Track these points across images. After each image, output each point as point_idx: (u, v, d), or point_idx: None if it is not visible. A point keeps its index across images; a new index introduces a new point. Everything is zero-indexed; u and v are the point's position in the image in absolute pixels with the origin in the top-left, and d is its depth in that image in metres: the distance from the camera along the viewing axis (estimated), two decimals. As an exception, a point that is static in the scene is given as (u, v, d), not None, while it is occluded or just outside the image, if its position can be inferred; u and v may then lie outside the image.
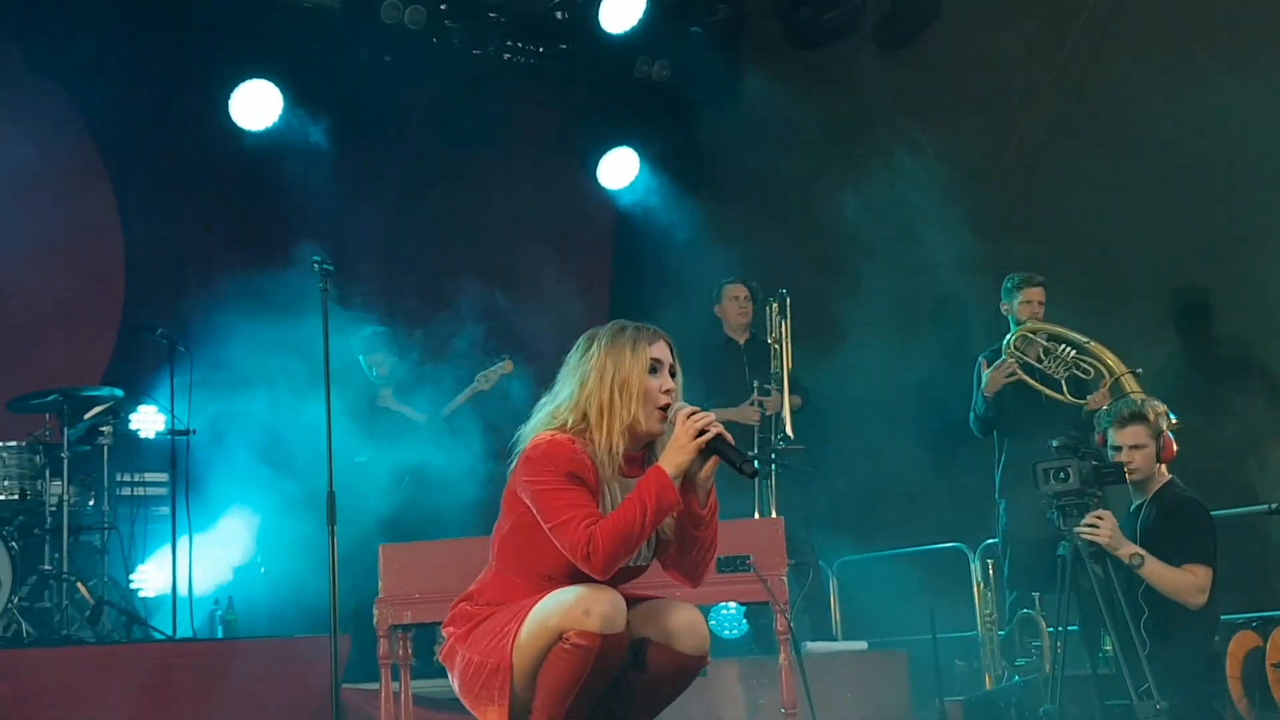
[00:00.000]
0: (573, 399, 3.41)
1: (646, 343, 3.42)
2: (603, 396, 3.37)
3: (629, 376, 3.37)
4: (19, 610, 6.36)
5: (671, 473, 3.26)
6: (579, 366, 3.46)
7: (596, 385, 3.39)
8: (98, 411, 7.03)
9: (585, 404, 3.38)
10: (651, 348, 3.42)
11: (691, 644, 3.32)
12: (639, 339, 3.43)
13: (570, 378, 3.47)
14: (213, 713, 5.96)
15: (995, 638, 7.07)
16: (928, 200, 8.39)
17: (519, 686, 3.25)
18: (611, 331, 3.48)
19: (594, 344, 3.47)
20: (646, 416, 3.36)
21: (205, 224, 8.65)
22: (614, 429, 3.34)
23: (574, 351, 3.52)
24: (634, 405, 3.35)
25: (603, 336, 3.47)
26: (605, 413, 3.35)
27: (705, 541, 3.43)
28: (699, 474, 3.36)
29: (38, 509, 6.73)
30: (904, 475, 8.23)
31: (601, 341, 3.45)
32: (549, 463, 3.30)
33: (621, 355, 3.40)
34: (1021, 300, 6.91)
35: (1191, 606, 4.90)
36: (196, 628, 7.04)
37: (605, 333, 3.48)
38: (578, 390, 3.42)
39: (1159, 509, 5.08)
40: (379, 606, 5.13)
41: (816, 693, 5.39)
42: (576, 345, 3.53)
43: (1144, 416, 5.13)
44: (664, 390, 3.40)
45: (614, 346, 3.43)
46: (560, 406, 3.43)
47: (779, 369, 7.58)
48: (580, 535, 3.22)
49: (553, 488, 3.28)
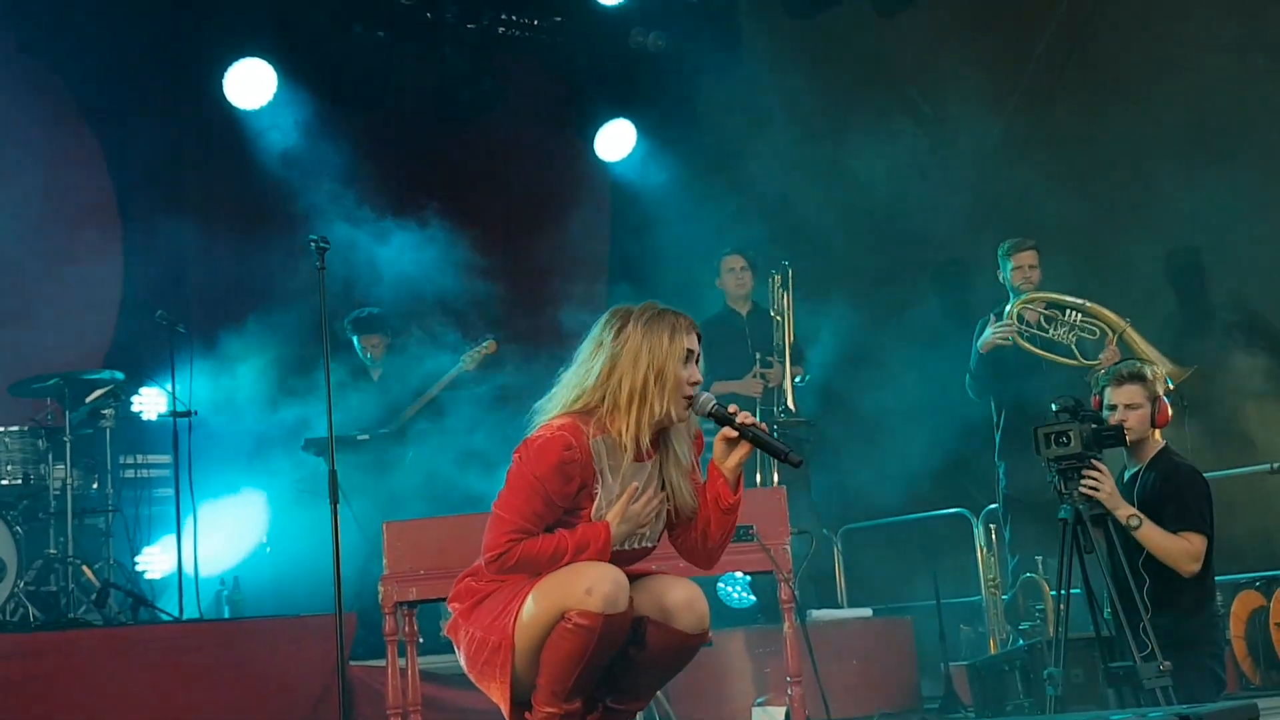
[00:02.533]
0: (600, 379, 3.33)
1: (685, 331, 3.37)
2: (635, 381, 3.29)
3: (665, 365, 3.30)
4: (25, 594, 6.38)
5: (616, 540, 3.26)
6: (610, 346, 3.35)
7: (630, 369, 3.30)
8: (99, 394, 7.04)
9: (615, 387, 3.31)
10: (687, 337, 3.37)
11: (690, 621, 3.32)
12: (678, 327, 3.35)
13: (598, 355, 3.37)
14: (221, 692, 5.98)
15: (999, 602, 7.09)
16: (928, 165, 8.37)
17: (522, 663, 3.25)
18: (648, 315, 3.37)
19: (629, 324, 3.36)
20: (675, 406, 3.33)
21: (202, 205, 8.62)
22: (643, 417, 3.28)
23: (603, 328, 3.41)
24: (666, 395, 3.30)
25: (639, 318, 3.36)
26: (636, 399, 3.28)
27: (729, 527, 3.44)
28: (730, 463, 3.35)
29: (41, 493, 6.75)
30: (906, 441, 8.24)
31: (638, 323, 3.35)
32: (535, 462, 3.27)
33: (659, 342, 3.32)
34: (1014, 266, 6.92)
35: (1185, 573, 4.91)
36: (203, 609, 7.07)
37: (641, 315, 3.37)
38: (606, 371, 3.33)
39: (1156, 475, 5.07)
40: (384, 583, 5.15)
41: (821, 660, 5.42)
42: (606, 322, 3.42)
43: (1143, 377, 5.12)
44: (692, 382, 3.37)
45: (651, 331, 3.33)
46: (586, 385, 3.35)
47: (781, 341, 7.58)
48: (501, 540, 3.26)
49: (519, 486, 3.28)
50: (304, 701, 6.10)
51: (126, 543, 7.29)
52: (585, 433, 3.31)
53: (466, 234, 8.05)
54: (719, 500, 3.39)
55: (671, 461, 3.38)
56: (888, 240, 8.42)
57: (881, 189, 8.31)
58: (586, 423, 3.33)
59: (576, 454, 3.28)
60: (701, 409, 3.38)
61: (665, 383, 3.30)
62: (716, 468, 3.38)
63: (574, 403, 3.36)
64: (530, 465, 3.27)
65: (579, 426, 3.31)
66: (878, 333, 8.44)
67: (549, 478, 3.26)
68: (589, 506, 3.32)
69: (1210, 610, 5.06)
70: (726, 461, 3.37)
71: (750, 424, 3.35)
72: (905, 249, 8.53)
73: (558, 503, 3.28)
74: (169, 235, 8.18)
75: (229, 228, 8.37)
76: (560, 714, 3.23)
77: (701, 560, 3.46)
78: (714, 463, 3.40)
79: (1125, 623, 4.71)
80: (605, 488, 3.32)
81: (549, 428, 3.31)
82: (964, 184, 8.22)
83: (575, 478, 3.28)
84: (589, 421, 3.33)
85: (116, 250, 8.33)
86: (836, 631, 7.02)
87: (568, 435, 3.28)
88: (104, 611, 6.59)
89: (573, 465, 3.27)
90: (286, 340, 7.66)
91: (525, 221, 9.25)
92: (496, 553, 3.26)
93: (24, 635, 6.02)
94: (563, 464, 3.26)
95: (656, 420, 3.30)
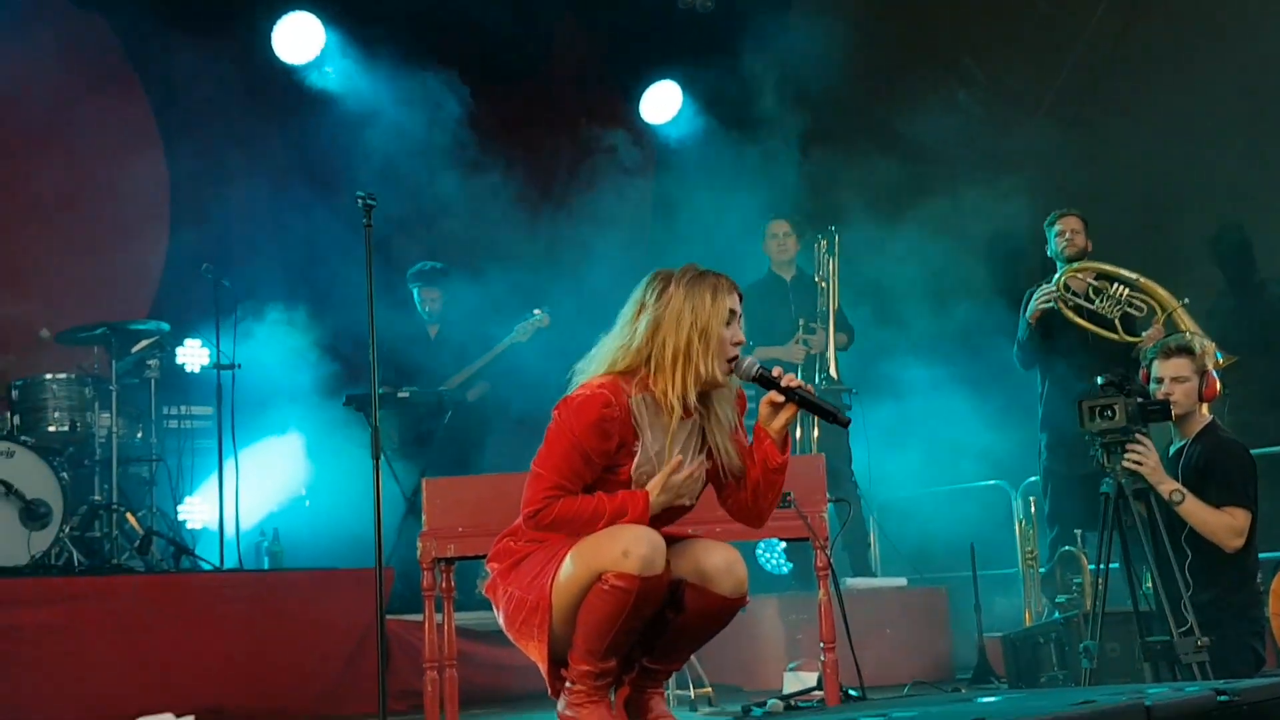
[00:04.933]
0: (643, 340, 3.34)
1: (726, 292, 3.37)
2: (679, 342, 3.30)
3: (708, 324, 3.31)
4: (70, 539, 6.47)
5: (654, 510, 3.27)
6: (653, 308, 3.36)
7: (673, 329, 3.31)
8: (144, 345, 7.11)
9: (659, 348, 3.32)
10: (729, 297, 3.37)
11: (729, 585, 3.32)
12: (719, 287, 3.36)
13: (641, 317, 3.38)
14: (260, 642, 6.06)
15: (1036, 575, 7.06)
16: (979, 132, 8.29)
17: (559, 623, 3.27)
18: (690, 276, 3.37)
19: (671, 285, 3.37)
20: (718, 368, 3.33)
21: (249, 159, 8.66)
22: (688, 377, 3.29)
23: (645, 290, 3.41)
24: (710, 355, 3.31)
25: (680, 279, 3.37)
26: (680, 359, 3.29)
27: (778, 487, 3.45)
28: (775, 425, 3.35)
29: (87, 440, 6.84)
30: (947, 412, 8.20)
31: (679, 284, 3.36)
32: (574, 419, 3.29)
33: (702, 302, 3.32)
34: (1058, 231, 6.88)
35: (1228, 549, 4.88)
36: (243, 559, 7.15)
37: (682, 276, 3.38)
38: (650, 332, 3.34)
39: (1201, 450, 5.03)
40: (423, 539, 5.18)
41: (855, 628, 5.41)
42: (648, 284, 3.42)
43: (1190, 350, 5.08)
44: (735, 342, 3.37)
45: (694, 292, 3.34)
46: (630, 347, 3.36)
47: (825, 307, 7.55)
48: (539, 496, 3.28)
49: (557, 443, 3.30)
50: (341, 653, 6.17)
51: (169, 492, 7.38)
52: (625, 391, 3.32)
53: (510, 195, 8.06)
54: (767, 461, 3.39)
55: (714, 422, 3.39)
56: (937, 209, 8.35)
57: (931, 155, 8.23)
58: (628, 382, 3.34)
59: (615, 411, 3.29)
60: (746, 373, 3.38)
61: (709, 342, 3.31)
62: (763, 429, 3.38)
63: (616, 363, 3.36)
64: (569, 422, 3.29)
65: (619, 385, 3.32)
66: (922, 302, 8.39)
67: (587, 435, 3.27)
68: (628, 464, 3.33)
69: (1252, 587, 5.03)
70: (772, 424, 3.37)
71: (796, 386, 3.35)
72: (954, 218, 8.45)
73: (596, 460, 3.29)
74: (215, 189, 8.22)
75: (275, 182, 8.41)
76: (596, 672, 3.25)
77: (751, 519, 3.47)
78: (760, 424, 3.40)
79: (1165, 598, 4.69)
80: (644, 446, 3.33)
81: (588, 386, 3.33)
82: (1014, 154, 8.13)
83: (614, 435, 3.30)
84: (630, 381, 3.34)
85: (163, 203, 8.39)
86: (871, 600, 7.03)
87: (606, 393, 3.29)
88: (146, 559, 6.67)
89: (611, 423, 3.28)
90: (330, 295, 7.71)
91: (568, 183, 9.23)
92: (534, 509, 3.28)
93: (68, 579, 6.10)
94: (601, 421, 3.27)
95: (701, 381, 3.30)
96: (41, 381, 6.77)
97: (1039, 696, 4.48)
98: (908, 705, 4.69)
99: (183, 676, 5.78)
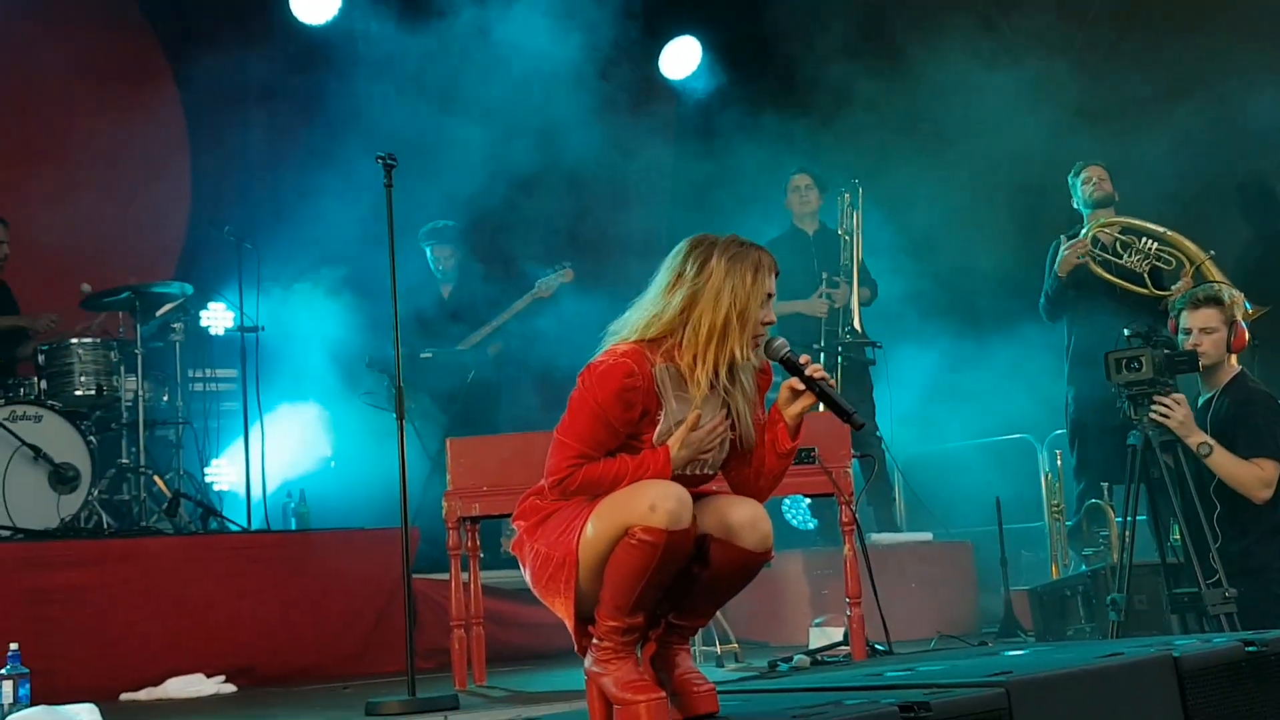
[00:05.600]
0: (675, 313, 3.29)
1: (767, 273, 3.33)
2: (716, 320, 3.25)
3: (747, 306, 3.27)
4: (99, 502, 6.52)
5: (675, 464, 3.25)
6: (691, 280, 3.29)
7: (711, 307, 3.26)
8: (169, 308, 7.14)
9: (696, 322, 3.27)
10: (770, 279, 3.34)
11: (753, 540, 3.31)
12: (761, 266, 3.31)
13: (678, 289, 3.31)
14: (289, 603, 6.11)
15: (1062, 528, 7.04)
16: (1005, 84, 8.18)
17: (586, 579, 3.27)
18: (733, 252, 3.31)
19: (712, 259, 3.30)
20: (749, 346, 3.32)
21: (269, 121, 8.65)
22: (720, 356, 3.26)
23: (684, 258, 3.34)
24: (745, 338, 3.29)
25: (722, 253, 3.31)
26: (715, 339, 3.25)
27: (782, 471, 3.43)
28: (792, 410, 3.34)
29: (114, 404, 6.88)
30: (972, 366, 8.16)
31: (722, 258, 3.30)
32: (597, 388, 3.26)
33: (743, 282, 3.27)
34: (1084, 180, 6.85)
35: (1257, 500, 4.86)
36: (270, 521, 7.19)
37: (725, 250, 3.31)
38: (686, 304, 3.28)
39: (1230, 401, 5.00)
40: (448, 499, 5.21)
41: (881, 583, 5.42)
42: (687, 252, 3.35)
43: (1219, 300, 5.03)
44: (765, 322, 3.34)
45: (735, 269, 3.28)
46: (663, 317, 3.30)
47: (849, 261, 7.51)
48: (564, 465, 3.25)
49: (580, 411, 3.28)
50: (369, 613, 6.21)
51: (196, 454, 7.42)
52: (650, 360, 3.29)
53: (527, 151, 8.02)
54: (776, 444, 3.37)
55: (738, 391, 3.36)
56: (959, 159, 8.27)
57: (954, 107, 8.15)
58: (654, 351, 3.31)
59: (639, 380, 3.26)
60: (775, 354, 3.35)
61: (746, 323, 3.29)
62: (779, 412, 3.36)
63: (647, 330, 3.34)
64: (592, 391, 3.27)
65: (643, 354, 3.29)
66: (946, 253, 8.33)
67: (610, 404, 3.25)
68: (651, 432, 3.31)
69: (1281, 538, 5.00)
70: (789, 409, 3.34)
71: (820, 377, 3.32)
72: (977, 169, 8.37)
73: (620, 429, 3.28)
74: (237, 151, 8.21)
75: (296, 144, 8.40)
76: (623, 628, 3.25)
77: (749, 496, 3.46)
78: (777, 406, 3.38)
79: (1192, 549, 4.67)
80: (668, 414, 3.31)
81: (612, 353, 3.30)
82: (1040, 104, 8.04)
83: (637, 404, 3.28)
84: (656, 350, 3.32)
85: (184, 166, 8.40)
86: (896, 555, 7.03)
87: (630, 363, 3.26)
88: (174, 521, 6.72)
89: (634, 392, 3.26)
90: (352, 256, 7.70)
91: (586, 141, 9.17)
92: (559, 477, 3.28)
93: (98, 541, 6.16)
94: (624, 390, 3.25)
95: (730, 360, 3.29)
96: (67, 345, 6.81)
97: (1066, 649, 4.47)
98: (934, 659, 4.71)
99: (212, 637, 5.84)
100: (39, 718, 4.04)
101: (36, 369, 6.81)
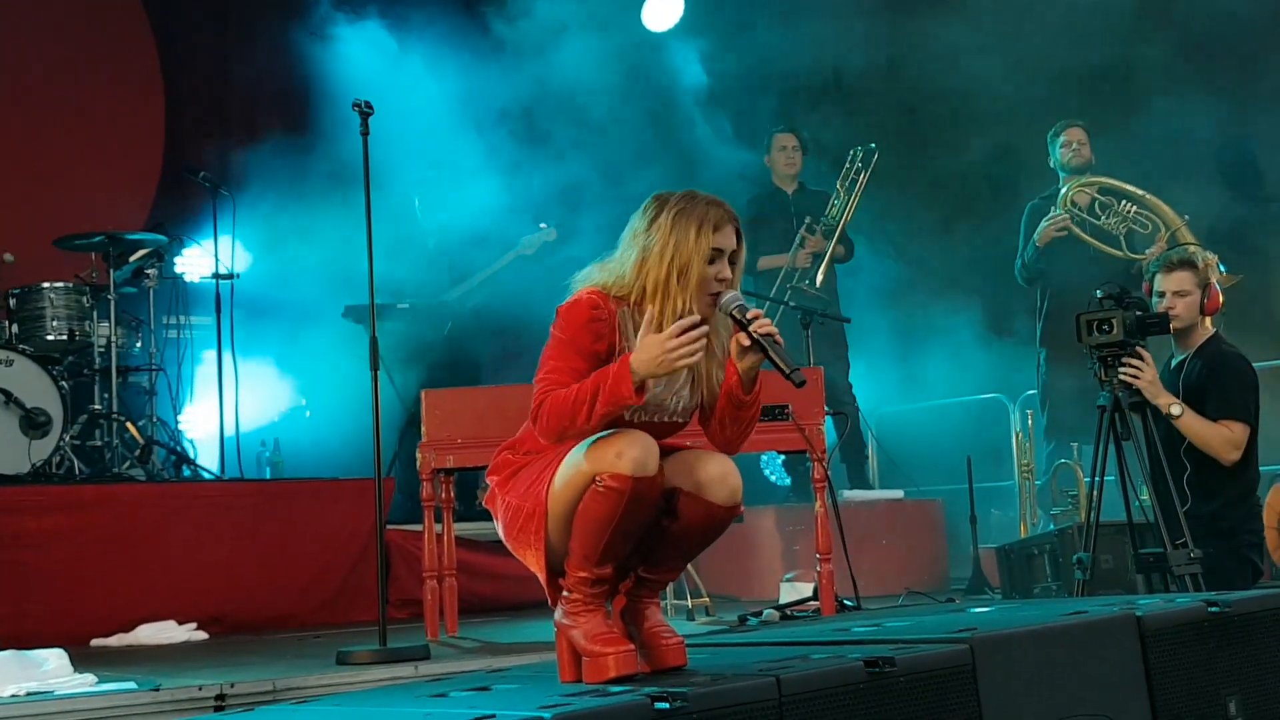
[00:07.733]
0: (633, 270, 3.34)
1: (712, 227, 3.31)
2: (659, 275, 3.29)
3: (689, 263, 3.29)
4: (71, 448, 6.49)
5: (640, 374, 3.21)
6: (642, 236, 3.34)
7: (656, 263, 3.30)
8: (143, 254, 7.08)
9: (643, 278, 3.32)
10: (717, 234, 3.31)
11: (722, 494, 3.34)
12: (705, 222, 3.30)
13: (633, 245, 3.36)
14: (262, 551, 6.11)
15: (1032, 487, 7.11)
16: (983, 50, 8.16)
17: (555, 530, 3.30)
18: (679, 205, 3.33)
19: (662, 214, 3.34)
20: (698, 303, 3.32)
21: (246, 68, 8.56)
22: (666, 309, 3.30)
23: (641, 215, 3.38)
24: (689, 293, 3.31)
25: (671, 209, 3.33)
26: (660, 292, 3.29)
27: (745, 421, 3.44)
28: (743, 365, 3.35)
29: (86, 350, 6.83)
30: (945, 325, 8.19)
31: (669, 214, 3.32)
32: (566, 321, 3.31)
33: (685, 237, 3.29)
34: (1063, 142, 6.86)
35: (1225, 462, 4.90)
36: (244, 469, 7.18)
37: (674, 205, 3.34)
38: (637, 263, 3.34)
39: (1202, 363, 5.03)
40: (422, 450, 5.21)
41: (851, 540, 5.46)
42: (644, 209, 3.39)
43: (1192, 264, 5.06)
44: (719, 278, 3.34)
45: (678, 225, 3.30)
46: (621, 274, 3.35)
47: (838, 216, 7.45)
48: (538, 395, 3.27)
49: (554, 346, 3.32)
50: (343, 562, 6.23)
51: (169, 402, 7.39)
52: (614, 304, 3.34)
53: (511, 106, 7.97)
54: (732, 395, 3.40)
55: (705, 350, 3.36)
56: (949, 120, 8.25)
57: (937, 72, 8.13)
58: (619, 303, 3.35)
59: (603, 314, 3.32)
60: (724, 308, 3.36)
61: (688, 281, 3.30)
62: (733, 365, 3.38)
63: (608, 288, 3.37)
64: (562, 325, 3.33)
65: (608, 296, 3.35)
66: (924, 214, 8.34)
67: (579, 334, 3.30)
68: None
69: (1252, 501, 5.06)
70: (740, 363, 3.36)
71: (766, 333, 3.32)
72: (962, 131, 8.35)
73: (589, 357, 3.30)
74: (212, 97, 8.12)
75: (273, 90, 8.31)
76: (592, 579, 3.27)
77: (720, 448, 3.48)
78: (731, 359, 3.40)
79: (1159, 511, 4.72)
80: None
81: (577, 295, 3.35)
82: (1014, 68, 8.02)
83: (604, 337, 3.32)
84: (621, 303, 3.36)
85: (159, 111, 8.31)
86: (867, 512, 7.08)
87: (595, 297, 3.33)
88: (147, 468, 6.70)
89: (601, 324, 3.31)
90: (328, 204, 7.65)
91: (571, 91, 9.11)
92: (534, 405, 3.29)
93: (69, 487, 6.15)
94: (592, 320, 3.31)
95: (677, 316, 3.30)
96: (39, 290, 6.75)
97: (1032, 607, 4.52)
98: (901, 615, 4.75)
99: (184, 585, 5.84)
100: (7, 663, 4.03)
101: (8, 313, 6.75)
